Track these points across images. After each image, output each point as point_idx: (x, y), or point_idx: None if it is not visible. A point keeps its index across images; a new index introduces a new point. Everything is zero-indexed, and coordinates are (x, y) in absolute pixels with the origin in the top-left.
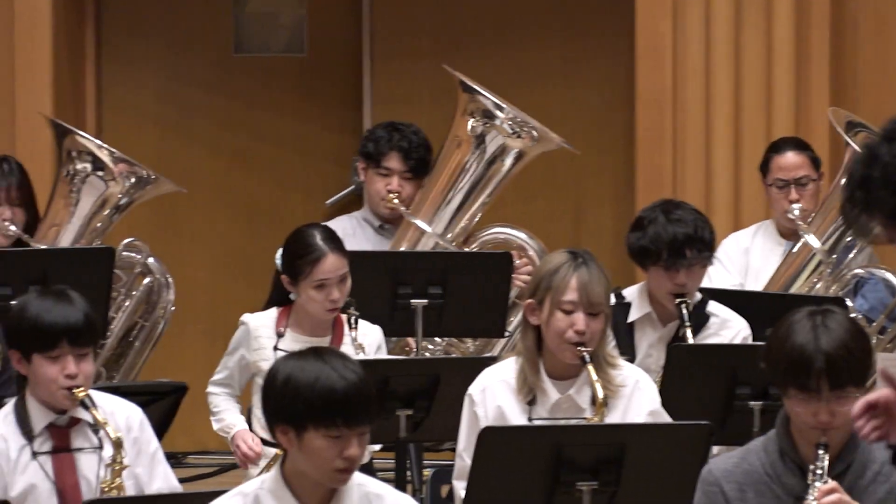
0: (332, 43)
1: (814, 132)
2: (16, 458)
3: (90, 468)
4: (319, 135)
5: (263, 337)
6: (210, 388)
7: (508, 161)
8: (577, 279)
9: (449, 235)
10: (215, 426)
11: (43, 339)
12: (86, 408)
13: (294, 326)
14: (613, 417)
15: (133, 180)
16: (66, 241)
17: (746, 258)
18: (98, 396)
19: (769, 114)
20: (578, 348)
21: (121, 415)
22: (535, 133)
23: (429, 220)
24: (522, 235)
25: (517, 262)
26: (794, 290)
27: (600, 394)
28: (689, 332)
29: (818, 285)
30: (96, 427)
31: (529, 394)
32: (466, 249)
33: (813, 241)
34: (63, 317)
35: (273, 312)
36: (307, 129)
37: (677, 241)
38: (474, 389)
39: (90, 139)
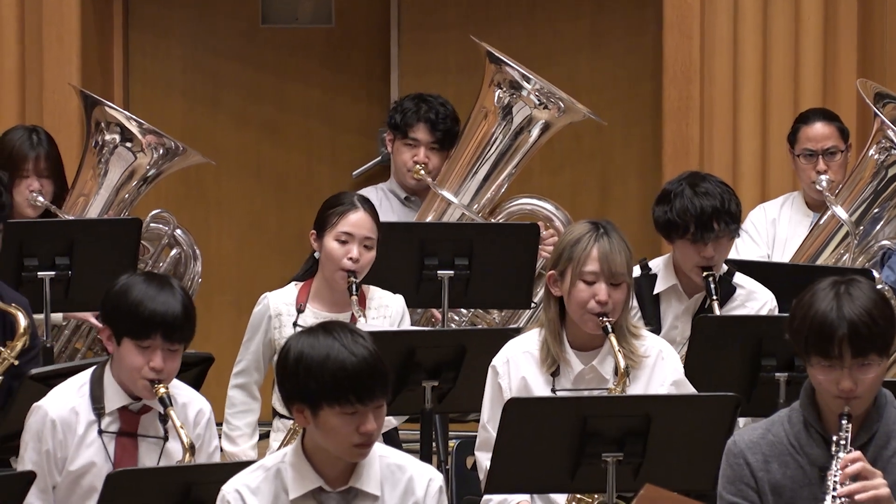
0: (360, 13)
1: (841, 103)
2: (83, 433)
3: (151, 457)
4: (347, 106)
5: (284, 314)
6: (232, 382)
7: (535, 132)
8: (599, 250)
9: (475, 207)
10: (223, 442)
11: (139, 327)
12: (164, 406)
13: (314, 301)
14: (637, 388)
15: (161, 152)
16: (93, 212)
17: (774, 229)
18: (175, 386)
19: (796, 85)
20: (601, 318)
21: (192, 409)
22: (561, 104)
23: (455, 191)
24: (549, 206)
25: (543, 233)
26: (820, 261)
27: (622, 364)
28: (716, 306)
29: (845, 257)
30: (165, 417)
31: (553, 365)
32: (493, 220)
33: (840, 212)
34: (163, 309)
35: (293, 289)
36: (334, 100)
37: (705, 215)
38: (498, 361)
39: (119, 110)
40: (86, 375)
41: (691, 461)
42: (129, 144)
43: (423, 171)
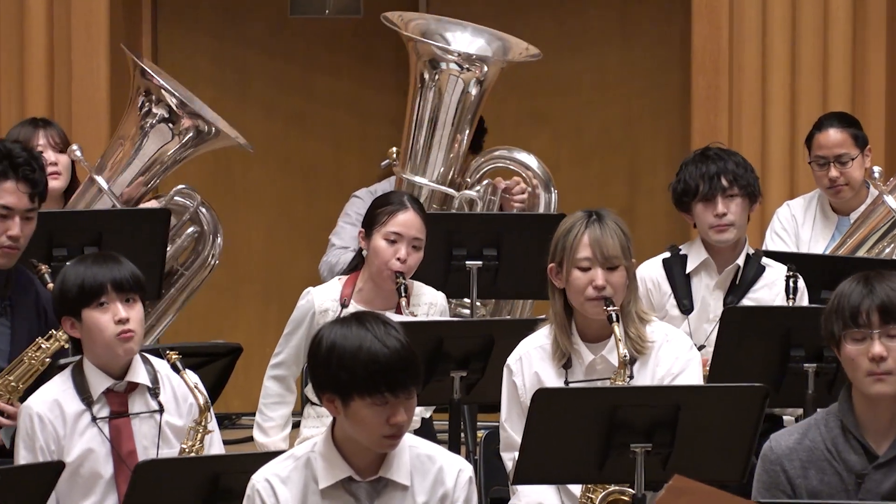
0: (388, 4)
1: (870, 93)
2: (73, 422)
3: (149, 433)
4: (375, 96)
5: (330, 310)
6: (269, 373)
7: (473, 91)
8: (590, 236)
9: (449, 176)
10: (255, 432)
11: (89, 291)
12: (176, 371)
13: (358, 297)
14: (645, 373)
15: (193, 133)
16: (126, 177)
17: (797, 226)
18: (157, 363)
19: (825, 76)
20: (605, 308)
21: (177, 381)
22: (485, 66)
23: (422, 171)
24: (521, 156)
25: (508, 183)
26: (861, 253)
27: (622, 352)
28: (787, 303)
29: (887, 250)
30: (155, 391)
31: (563, 357)
32: (469, 180)
33: (892, 202)
34: (107, 268)
35: (337, 283)
36: (363, 91)
37: (711, 171)
38: (512, 359)
39: (167, 88)
40: (67, 373)
41: (720, 452)
42: (171, 125)
43: (389, 159)
